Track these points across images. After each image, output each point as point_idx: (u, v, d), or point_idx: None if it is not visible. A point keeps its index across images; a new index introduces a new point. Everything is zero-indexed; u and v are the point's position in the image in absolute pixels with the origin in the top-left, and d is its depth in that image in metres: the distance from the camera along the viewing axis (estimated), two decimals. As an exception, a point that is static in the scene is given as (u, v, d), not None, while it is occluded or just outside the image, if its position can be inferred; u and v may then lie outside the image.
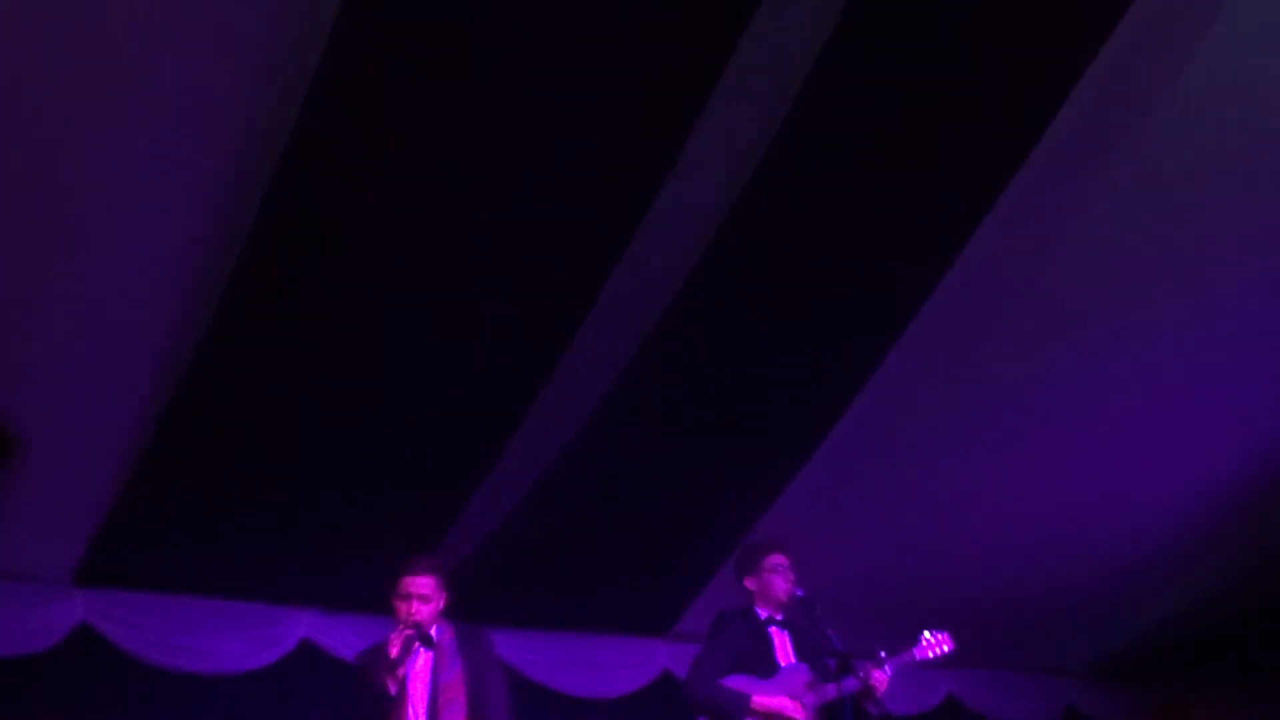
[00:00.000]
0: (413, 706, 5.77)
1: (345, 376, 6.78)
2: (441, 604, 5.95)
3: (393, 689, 5.67)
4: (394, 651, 5.68)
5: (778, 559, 6.41)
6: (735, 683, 6.20)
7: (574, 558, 8.00)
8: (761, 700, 6.16)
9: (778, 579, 6.36)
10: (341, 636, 7.77)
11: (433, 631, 5.86)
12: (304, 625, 7.80)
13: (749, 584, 6.46)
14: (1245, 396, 8.46)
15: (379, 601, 7.57)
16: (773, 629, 6.39)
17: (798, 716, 6.14)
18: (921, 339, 7.48)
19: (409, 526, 7.41)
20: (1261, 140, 7.12)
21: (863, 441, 7.97)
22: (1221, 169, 7.20)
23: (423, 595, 5.87)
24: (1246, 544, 9.35)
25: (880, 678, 6.11)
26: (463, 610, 6.12)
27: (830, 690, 6.14)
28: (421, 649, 5.80)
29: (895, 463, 8.29)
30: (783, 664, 6.31)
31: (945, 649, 6.38)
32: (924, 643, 6.38)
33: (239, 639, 7.57)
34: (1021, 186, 6.85)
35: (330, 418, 6.91)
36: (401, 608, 5.86)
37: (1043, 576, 9.10)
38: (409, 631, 5.75)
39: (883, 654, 6.20)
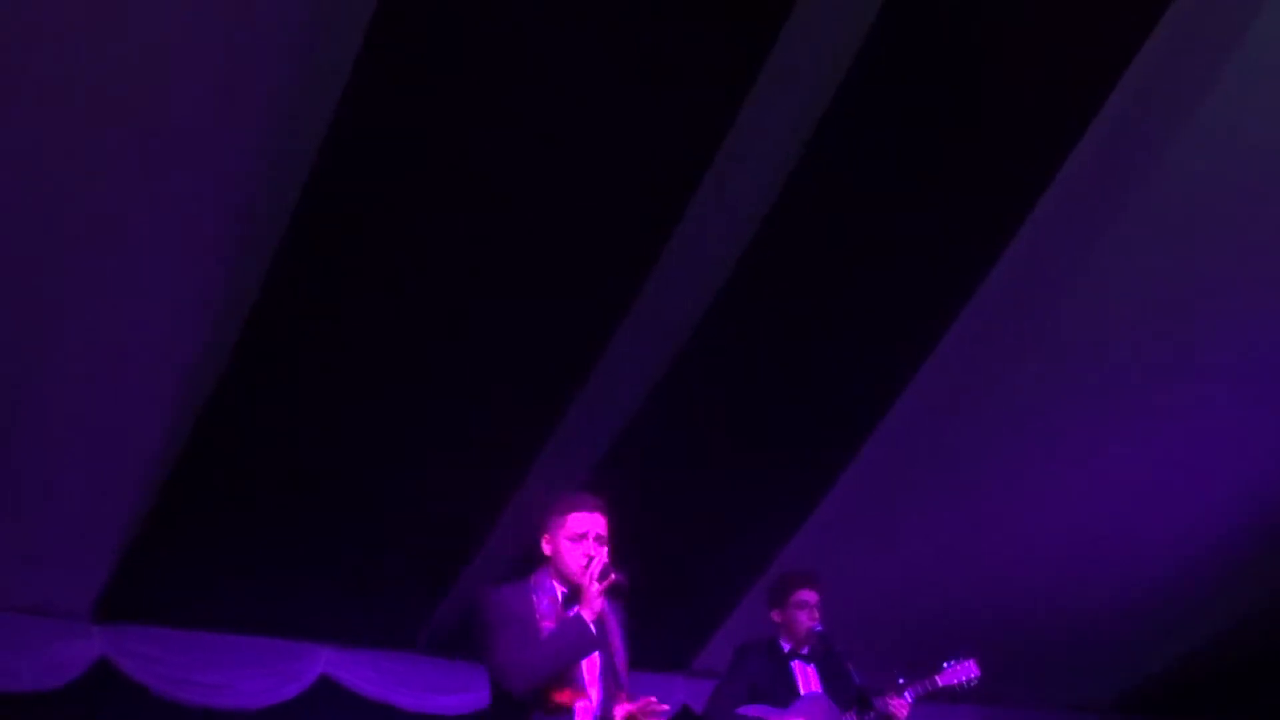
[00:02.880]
0: (587, 685, 4.47)
1: (362, 412, 6.80)
2: None
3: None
4: (596, 587, 4.35)
5: (806, 594, 6.38)
6: (752, 711, 6.18)
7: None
8: (779, 729, 6.14)
9: (802, 614, 6.33)
10: (360, 672, 7.78)
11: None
12: (323, 661, 7.76)
13: (775, 615, 6.44)
14: (1270, 427, 8.41)
15: (398, 637, 7.66)
16: (796, 662, 6.37)
17: (816, 746, 6.12)
18: (941, 370, 7.48)
19: (427, 563, 7.42)
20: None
21: (882, 476, 7.94)
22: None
23: (601, 536, 4.50)
24: (1272, 577, 9.28)
25: (900, 706, 6.07)
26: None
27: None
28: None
29: (916, 496, 8.25)
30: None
31: (972, 675, 6.32)
32: (946, 669, 6.32)
33: (258, 674, 7.55)
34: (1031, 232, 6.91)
35: (349, 453, 6.93)
36: (573, 551, 4.47)
37: (1066, 612, 9.02)
38: (604, 562, 4.38)
39: (901, 680, 6.17)
